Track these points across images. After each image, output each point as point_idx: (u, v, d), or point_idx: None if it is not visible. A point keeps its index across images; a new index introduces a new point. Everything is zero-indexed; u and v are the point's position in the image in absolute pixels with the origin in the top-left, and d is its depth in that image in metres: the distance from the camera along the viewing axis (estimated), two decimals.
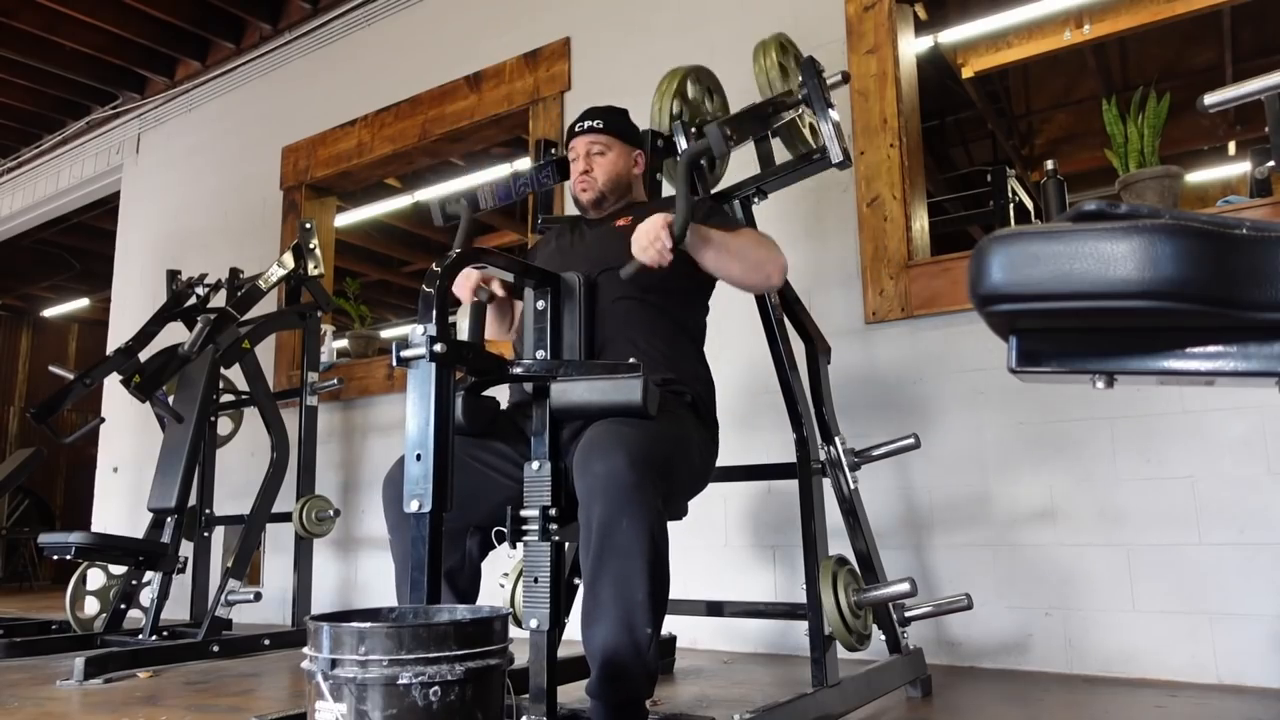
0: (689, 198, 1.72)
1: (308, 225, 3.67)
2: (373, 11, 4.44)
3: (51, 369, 3.51)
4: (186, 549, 3.37)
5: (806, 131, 2.27)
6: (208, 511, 3.57)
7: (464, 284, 1.81)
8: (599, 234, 1.97)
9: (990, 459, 2.58)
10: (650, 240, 1.68)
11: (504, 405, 1.85)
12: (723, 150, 1.89)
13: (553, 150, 2.32)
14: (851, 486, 2.11)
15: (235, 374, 3.55)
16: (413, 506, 1.37)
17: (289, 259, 3.59)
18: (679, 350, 1.87)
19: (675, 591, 1.80)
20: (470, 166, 5.64)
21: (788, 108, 2.17)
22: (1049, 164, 2.90)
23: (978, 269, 0.79)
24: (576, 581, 2.10)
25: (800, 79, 2.11)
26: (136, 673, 2.73)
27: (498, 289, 1.85)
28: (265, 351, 4.08)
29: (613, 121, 2.04)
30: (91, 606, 3.49)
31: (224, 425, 3.88)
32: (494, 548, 1.78)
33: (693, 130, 2.29)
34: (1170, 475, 2.33)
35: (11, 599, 6.28)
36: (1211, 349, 0.79)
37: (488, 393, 1.71)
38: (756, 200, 2.16)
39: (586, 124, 2.02)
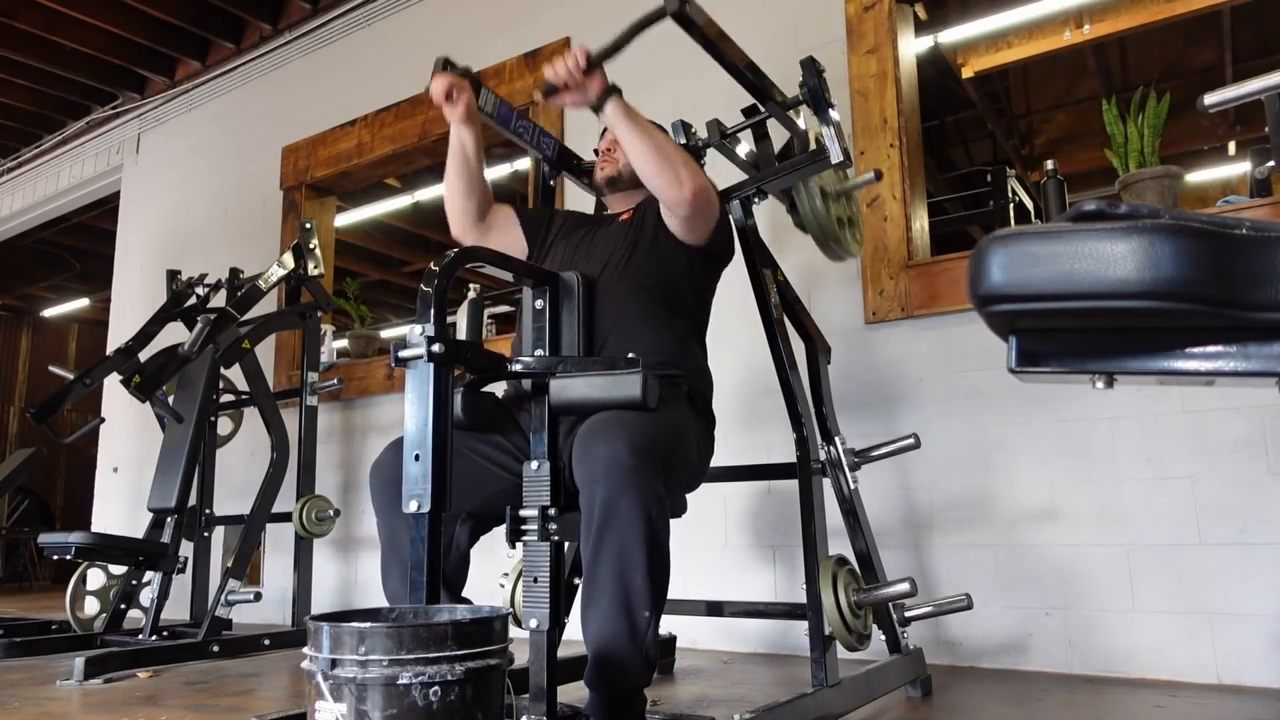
0: (622, 39, 1.76)
1: (308, 225, 3.67)
2: (373, 11, 4.44)
3: (51, 369, 3.51)
4: (186, 549, 3.37)
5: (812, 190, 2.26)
6: (208, 511, 3.57)
7: (439, 87, 1.86)
8: (608, 230, 1.98)
9: (990, 459, 2.57)
10: (563, 59, 1.73)
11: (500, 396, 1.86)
12: (676, 7, 1.78)
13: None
14: (851, 486, 2.11)
15: (235, 374, 3.55)
16: (411, 507, 1.37)
17: (289, 259, 3.59)
18: (681, 341, 1.87)
19: (675, 591, 1.80)
20: None
21: (788, 106, 2.17)
22: (1049, 164, 2.90)
23: (978, 269, 0.79)
24: (576, 581, 2.10)
25: (800, 79, 2.11)
26: (136, 673, 2.73)
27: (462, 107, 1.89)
28: (265, 351, 4.08)
29: None
30: (91, 606, 3.49)
31: (224, 425, 3.88)
32: (485, 532, 1.79)
33: (693, 132, 2.29)
34: (1170, 475, 2.33)
35: (11, 599, 6.28)
36: (1211, 349, 0.79)
37: (487, 388, 1.72)
38: (757, 200, 2.16)
39: None
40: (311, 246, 3.61)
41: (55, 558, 3.06)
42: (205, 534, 3.57)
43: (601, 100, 1.80)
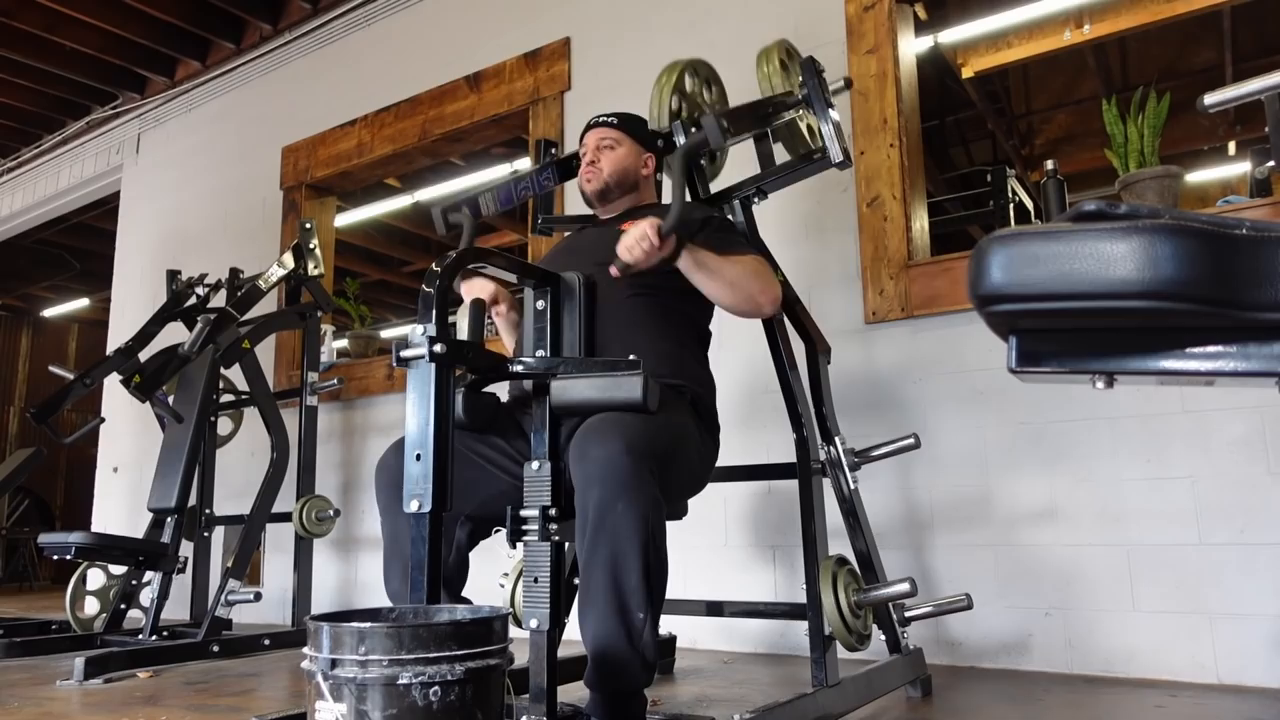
0: (684, 195, 1.73)
1: (308, 225, 3.67)
2: (373, 11, 4.44)
3: (51, 369, 3.51)
4: (186, 549, 3.37)
5: (806, 134, 2.27)
6: (208, 511, 3.57)
7: (475, 291, 1.89)
8: (606, 235, 1.98)
9: (990, 459, 2.58)
10: (637, 239, 1.68)
11: (503, 399, 1.86)
12: (719, 143, 1.87)
13: (553, 150, 2.32)
14: (851, 486, 2.11)
15: (235, 374, 3.55)
16: (413, 506, 1.37)
17: (289, 259, 3.59)
18: (683, 351, 1.87)
19: (675, 591, 1.80)
20: (470, 166, 5.64)
21: (788, 107, 2.17)
22: (1049, 164, 2.90)
23: (978, 269, 0.79)
24: (576, 581, 2.10)
25: (800, 79, 2.11)
26: (136, 673, 2.73)
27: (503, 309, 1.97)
28: (265, 351, 4.08)
29: (626, 122, 2.08)
30: (91, 606, 3.49)
31: (224, 425, 3.88)
32: (486, 536, 1.79)
33: (693, 130, 2.29)
34: (1170, 475, 2.33)
35: (11, 599, 6.28)
36: (1211, 349, 0.79)
37: (488, 388, 1.72)
38: (756, 200, 2.16)
39: (600, 119, 2.08)
40: (311, 246, 3.61)
41: (55, 558, 3.06)
42: (205, 534, 3.57)
43: (675, 259, 1.79)
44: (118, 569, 3.48)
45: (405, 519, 1.44)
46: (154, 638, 3.08)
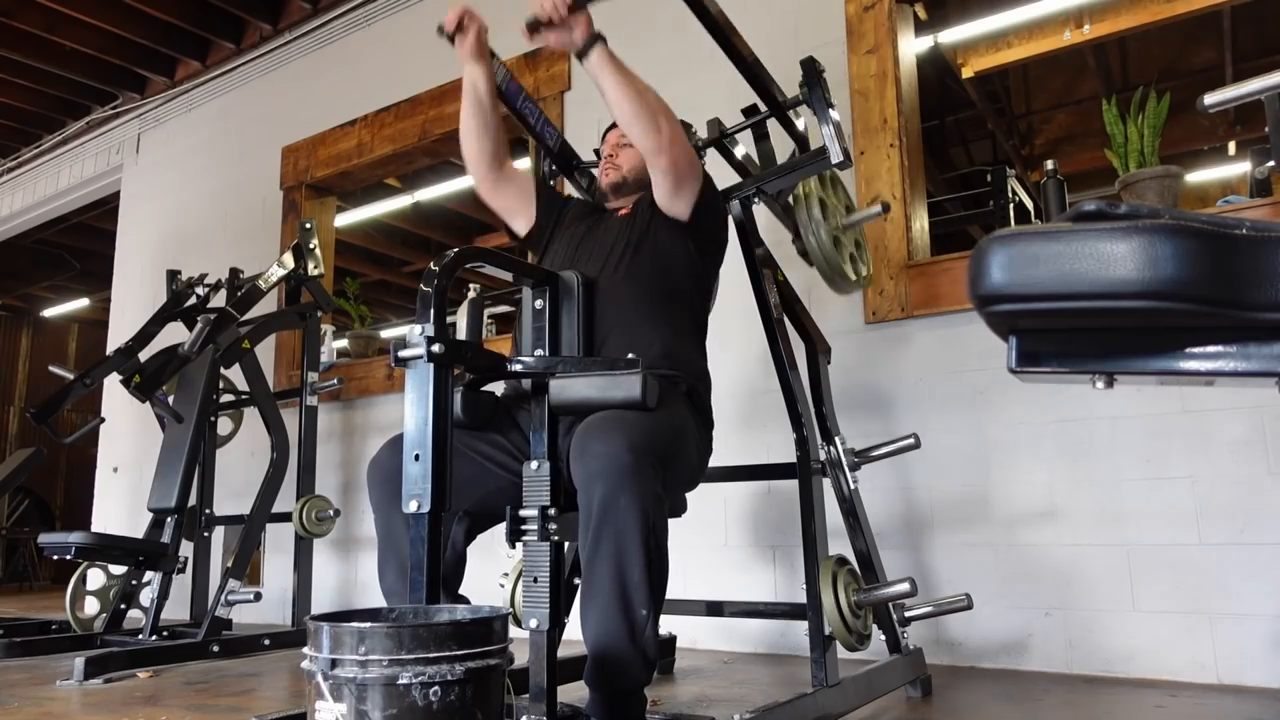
0: None
1: (308, 225, 3.67)
2: (373, 11, 4.44)
3: (51, 369, 3.52)
4: (186, 549, 3.37)
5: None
6: (208, 511, 3.57)
7: (451, 15, 1.88)
8: (608, 226, 1.98)
9: (990, 459, 2.57)
10: None
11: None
12: None
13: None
14: (851, 486, 2.11)
15: (235, 374, 3.55)
16: (411, 507, 1.36)
17: (289, 259, 3.59)
18: (680, 339, 1.87)
19: (675, 591, 1.80)
20: None
21: (788, 106, 2.17)
22: (1049, 164, 2.90)
23: (978, 269, 0.79)
24: (576, 581, 2.10)
25: (800, 79, 2.11)
26: (136, 673, 2.73)
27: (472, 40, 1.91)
28: (265, 351, 4.08)
29: None
30: (91, 606, 3.49)
31: (224, 425, 3.88)
32: (482, 531, 1.79)
33: (693, 130, 2.29)
34: (1170, 475, 2.33)
35: (11, 599, 6.28)
36: (1211, 349, 0.79)
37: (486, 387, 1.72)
38: (757, 200, 2.16)
39: None
40: (311, 246, 3.61)
41: (55, 558, 3.06)
42: (205, 534, 3.57)
43: (587, 45, 1.80)
44: (118, 569, 3.48)
45: (399, 515, 1.44)
46: (154, 638, 3.08)
